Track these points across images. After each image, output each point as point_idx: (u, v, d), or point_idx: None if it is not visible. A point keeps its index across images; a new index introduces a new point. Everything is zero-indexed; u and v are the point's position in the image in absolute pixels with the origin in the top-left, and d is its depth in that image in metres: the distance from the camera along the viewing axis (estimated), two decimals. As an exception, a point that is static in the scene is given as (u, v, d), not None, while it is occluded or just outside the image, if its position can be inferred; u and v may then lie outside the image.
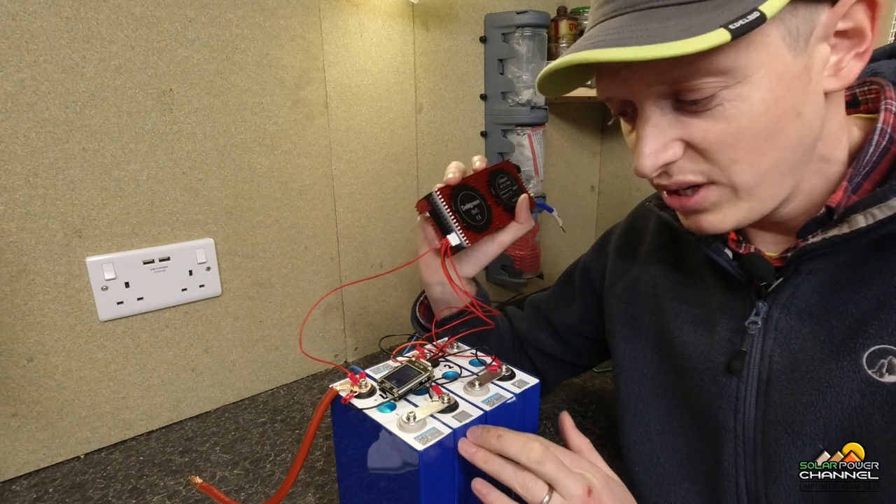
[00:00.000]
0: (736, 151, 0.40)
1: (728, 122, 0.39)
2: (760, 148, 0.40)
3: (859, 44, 0.40)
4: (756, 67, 0.38)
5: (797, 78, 0.39)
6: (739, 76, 0.38)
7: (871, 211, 0.40)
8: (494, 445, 0.44)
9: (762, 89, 0.38)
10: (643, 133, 0.42)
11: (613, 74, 0.43)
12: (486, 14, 1.09)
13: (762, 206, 0.44)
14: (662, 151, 0.42)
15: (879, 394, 0.40)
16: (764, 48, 0.37)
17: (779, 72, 0.38)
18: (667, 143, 0.42)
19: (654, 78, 0.40)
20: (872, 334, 0.41)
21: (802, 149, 0.42)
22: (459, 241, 0.58)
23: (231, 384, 0.88)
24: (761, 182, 0.42)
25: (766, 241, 0.50)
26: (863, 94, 0.49)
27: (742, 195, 0.43)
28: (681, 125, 0.41)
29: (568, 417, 0.51)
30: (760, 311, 0.47)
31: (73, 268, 0.70)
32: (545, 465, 0.43)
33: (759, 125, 0.39)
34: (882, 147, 0.43)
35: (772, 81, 0.38)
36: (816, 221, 0.44)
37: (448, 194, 0.58)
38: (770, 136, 0.40)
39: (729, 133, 0.40)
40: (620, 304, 0.63)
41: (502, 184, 0.63)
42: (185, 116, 0.75)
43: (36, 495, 0.67)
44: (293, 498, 0.65)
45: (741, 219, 0.44)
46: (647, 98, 0.41)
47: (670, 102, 0.41)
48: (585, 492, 0.42)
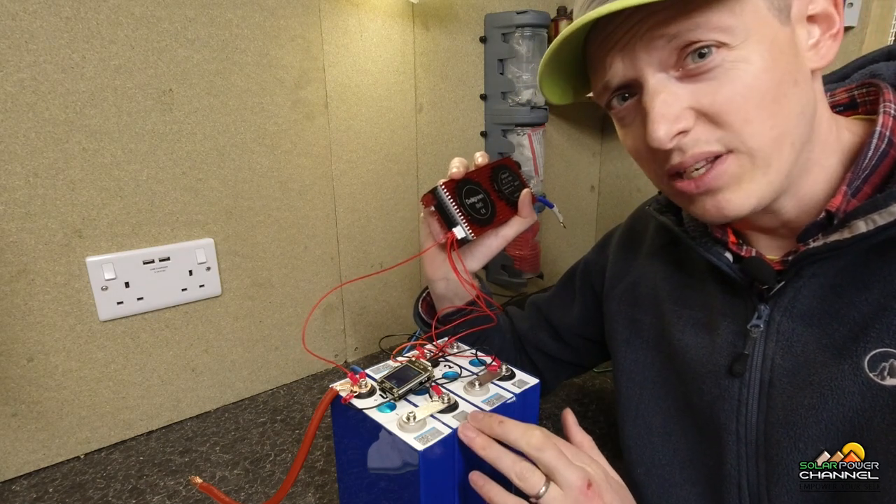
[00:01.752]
0: (747, 111, 0.41)
1: (733, 83, 0.40)
2: (769, 109, 0.41)
3: (830, 26, 0.43)
4: (750, 31, 0.39)
5: (788, 45, 0.41)
6: (737, 37, 0.39)
7: (872, 217, 0.40)
8: (496, 431, 0.44)
9: (759, 51, 0.40)
10: (653, 103, 0.42)
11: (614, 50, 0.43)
12: (486, 14, 1.09)
13: (777, 179, 0.43)
14: (677, 118, 0.41)
15: (881, 397, 0.40)
16: (754, 14, 0.40)
17: (770, 37, 0.40)
18: (679, 111, 0.41)
19: (656, 34, 0.40)
20: (874, 337, 0.41)
21: (806, 121, 0.43)
22: (465, 233, 0.58)
23: (231, 384, 0.88)
24: (775, 148, 0.42)
25: (766, 245, 0.50)
26: (861, 96, 0.49)
27: (759, 163, 0.42)
28: (689, 94, 0.41)
29: (571, 414, 0.50)
30: (762, 314, 0.47)
31: (73, 268, 0.70)
32: (545, 452, 0.42)
33: (763, 84, 0.40)
34: (881, 150, 0.43)
35: (766, 45, 0.40)
36: (817, 226, 0.44)
37: (453, 188, 0.59)
38: (775, 98, 0.41)
39: (736, 92, 0.40)
40: (621, 306, 0.63)
41: (504, 179, 0.64)
42: (185, 116, 0.75)
43: (36, 495, 0.67)
44: (293, 498, 0.65)
45: (762, 194, 0.43)
46: (651, 66, 0.42)
47: (675, 74, 0.42)
48: (584, 484, 0.41)
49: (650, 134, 0.42)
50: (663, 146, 0.42)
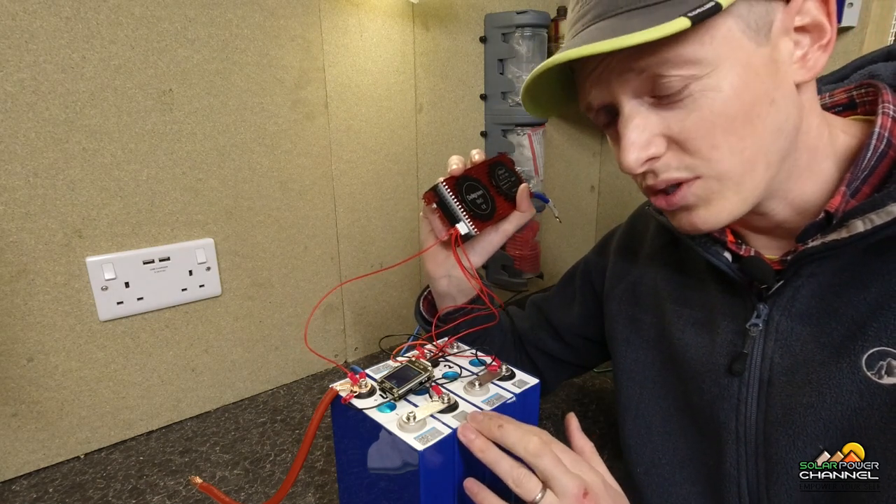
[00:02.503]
0: (714, 137, 0.41)
1: (701, 110, 0.40)
2: (739, 133, 0.41)
3: (820, 37, 0.42)
4: (721, 58, 0.39)
5: (764, 66, 0.40)
6: (706, 67, 0.39)
7: (870, 216, 0.40)
8: (494, 434, 0.44)
9: (731, 76, 0.40)
10: (626, 130, 0.43)
11: (591, 78, 0.44)
12: (486, 14, 1.09)
13: (752, 196, 0.44)
14: (645, 146, 0.43)
15: (879, 395, 0.40)
16: (726, 41, 0.39)
17: (743, 61, 0.40)
18: (649, 137, 0.43)
19: (626, 68, 0.41)
20: (871, 336, 0.41)
21: (784, 136, 0.43)
22: (468, 229, 0.59)
23: (231, 384, 0.88)
24: (747, 170, 0.42)
25: (764, 245, 0.50)
26: (860, 97, 0.49)
27: (729, 185, 0.43)
28: (660, 120, 0.42)
29: (574, 419, 0.50)
30: (761, 313, 0.47)
31: (73, 268, 0.70)
32: (542, 459, 0.42)
33: (732, 109, 0.40)
34: (880, 151, 0.43)
35: (739, 69, 0.40)
36: (816, 226, 0.44)
37: (454, 185, 0.60)
38: (747, 120, 0.41)
39: (703, 119, 0.41)
40: (621, 305, 0.63)
41: (501, 175, 0.65)
42: (185, 116, 0.75)
43: (36, 495, 0.67)
44: (293, 498, 0.65)
45: (733, 210, 0.44)
46: (625, 95, 0.43)
47: (648, 100, 0.42)
48: (581, 492, 0.41)
49: (621, 161, 0.43)
50: (632, 172, 0.44)
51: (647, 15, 0.38)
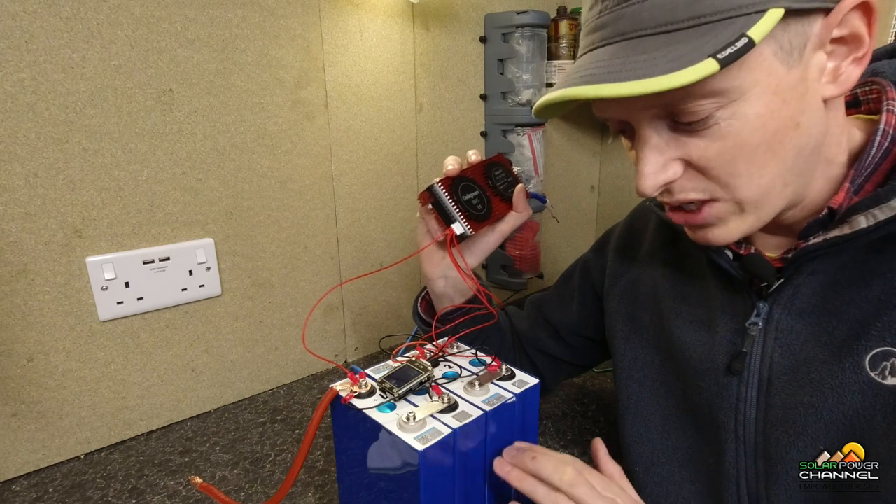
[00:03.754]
0: (735, 167, 0.40)
1: (724, 140, 0.39)
2: (760, 161, 0.40)
3: (857, 49, 0.40)
4: (750, 86, 0.38)
5: (792, 89, 0.39)
6: (733, 95, 0.38)
7: (873, 212, 0.40)
8: (529, 466, 0.46)
9: (757, 105, 0.38)
10: (642, 154, 0.42)
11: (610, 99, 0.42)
12: (486, 14, 1.09)
13: (768, 215, 0.44)
14: (662, 171, 0.42)
15: (882, 396, 0.40)
16: (757, 67, 0.37)
17: (773, 86, 0.38)
18: (666, 162, 0.42)
19: (649, 103, 0.40)
20: (875, 336, 0.41)
21: (804, 157, 0.42)
22: (464, 229, 0.59)
23: (231, 384, 0.88)
24: (765, 195, 0.42)
25: (767, 243, 0.50)
26: (864, 95, 0.49)
27: (747, 208, 0.43)
28: (678, 144, 0.41)
29: (601, 444, 0.52)
30: (761, 311, 0.47)
31: (73, 268, 0.70)
32: (577, 488, 0.44)
33: (756, 139, 0.39)
34: (884, 148, 0.43)
35: (767, 97, 0.38)
36: (818, 223, 0.44)
37: (449, 185, 0.60)
38: (769, 148, 0.40)
39: (726, 150, 0.40)
40: (621, 303, 0.63)
41: (498, 175, 0.65)
42: (185, 116, 0.75)
43: (36, 495, 0.67)
44: (293, 498, 0.65)
45: (747, 230, 0.44)
46: (644, 120, 0.42)
47: (667, 123, 0.41)
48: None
49: (637, 185, 0.43)
50: (648, 196, 0.44)
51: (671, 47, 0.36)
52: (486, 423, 0.47)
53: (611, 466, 0.50)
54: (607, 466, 0.50)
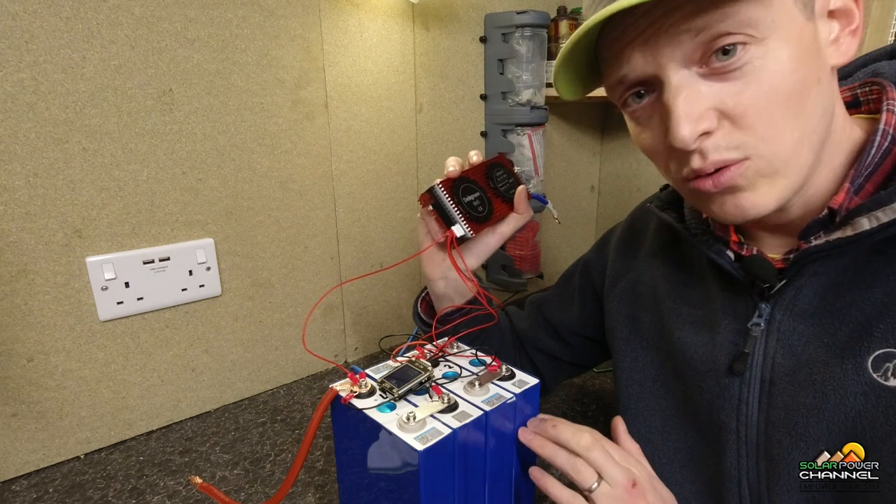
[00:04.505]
0: (772, 112, 0.39)
1: (759, 83, 0.39)
2: (794, 110, 0.40)
3: (849, 22, 0.42)
4: (778, 26, 0.38)
5: (812, 42, 0.40)
6: (764, 31, 0.38)
7: (875, 214, 0.40)
8: (550, 433, 0.49)
9: (788, 47, 0.39)
10: (677, 101, 0.40)
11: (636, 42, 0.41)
12: (486, 14, 1.09)
13: (794, 182, 0.42)
14: (700, 118, 0.40)
15: (884, 397, 0.40)
16: (783, 8, 0.38)
17: (796, 34, 0.39)
18: (702, 111, 0.40)
19: (682, 28, 0.38)
20: (878, 338, 0.41)
21: (826, 120, 0.42)
22: (464, 231, 0.59)
23: (231, 384, 0.88)
24: (795, 153, 0.41)
25: (768, 243, 0.50)
26: (864, 95, 0.49)
27: (778, 166, 0.41)
28: (713, 93, 0.40)
29: (621, 422, 0.53)
30: (763, 312, 0.47)
31: (73, 268, 0.70)
32: (593, 452, 0.46)
33: (790, 83, 0.39)
34: (884, 148, 0.43)
35: (793, 42, 0.39)
36: (818, 223, 0.44)
37: (450, 187, 0.59)
38: (801, 98, 0.40)
39: (761, 93, 0.39)
40: (621, 304, 0.63)
41: (499, 176, 0.64)
42: (185, 116, 0.75)
43: (36, 495, 0.67)
44: (293, 498, 0.65)
45: (780, 196, 0.42)
46: (674, 62, 0.40)
47: (698, 71, 0.40)
48: (630, 483, 0.45)
49: (674, 134, 0.40)
50: (687, 147, 0.40)
51: None
52: (486, 423, 0.47)
53: (629, 443, 0.52)
54: (626, 443, 0.52)
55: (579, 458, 0.46)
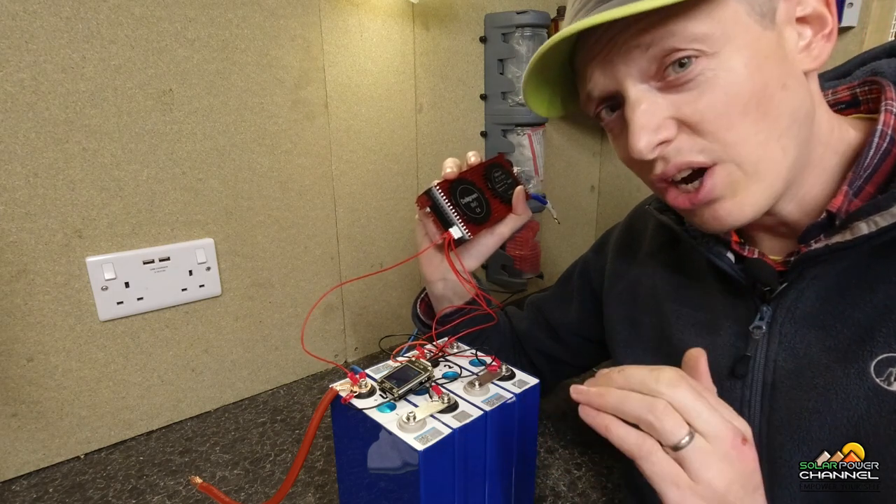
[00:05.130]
0: (729, 118, 0.40)
1: (714, 91, 0.40)
2: (752, 116, 0.40)
3: (822, 27, 0.42)
4: (729, 37, 0.39)
5: (773, 50, 0.40)
6: (715, 45, 0.39)
7: (874, 218, 0.40)
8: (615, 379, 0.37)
9: (741, 58, 0.39)
10: (634, 114, 0.42)
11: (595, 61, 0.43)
12: (486, 14, 1.09)
13: (773, 185, 0.42)
14: (656, 130, 0.41)
15: (887, 402, 0.40)
16: (733, 21, 0.39)
17: (752, 43, 0.40)
18: (660, 121, 0.41)
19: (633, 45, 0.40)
20: (881, 342, 0.41)
21: (798, 123, 0.42)
22: (462, 233, 0.59)
23: (231, 384, 0.88)
24: (763, 155, 0.41)
25: (768, 246, 0.50)
26: (863, 94, 0.49)
27: (749, 171, 0.41)
28: (670, 104, 0.41)
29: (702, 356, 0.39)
30: (765, 315, 0.47)
31: (73, 268, 0.70)
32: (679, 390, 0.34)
33: (746, 89, 0.40)
34: (883, 149, 0.43)
35: (748, 51, 0.39)
36: (818, 226, 0.44)
37: (447, 189, 0.59)
38: (760, 102, 0.40)
39: (717, 101, 0.40)
40: (620, 305, 0.62)
41: (497, 177, 0.64)
42: (185, 116, 0.75)
43: (36, 495, 0.67)
44: (293, 498, 0.65)
45: (758, 203, 0.43)
46: (631, 77, 0.42)
47: (654, 84, 0.42)
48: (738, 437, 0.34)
49: (631, 146, 0.42)
50: (644, 157, 0.42)
51: None
52: (486, 423, 0.47)
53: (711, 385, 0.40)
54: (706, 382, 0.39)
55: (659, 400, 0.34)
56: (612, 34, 0.41)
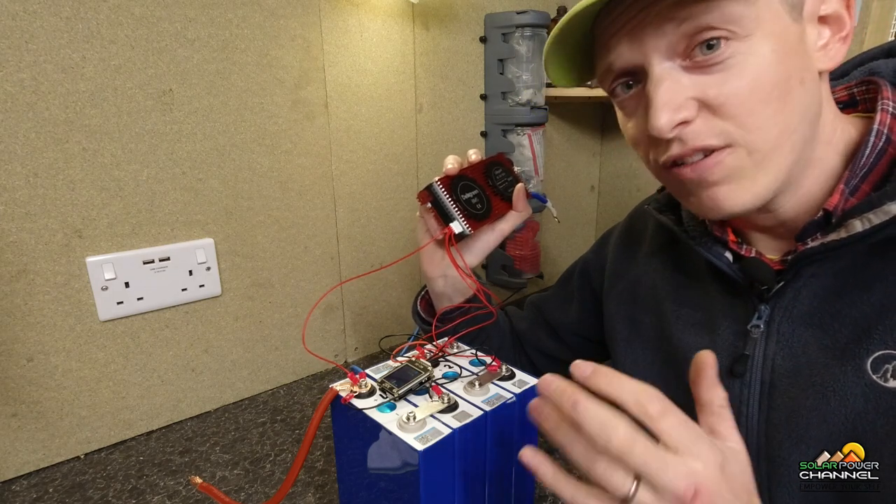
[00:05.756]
0: (752, 104, 0.40)
1: (741, 76, 0.40)
2: (774, 105, 0.40)
3: (840, 28, 0.43)
4: (761, 23, 0.39)
5: (797, 43, 0.41)
6: (747, 27, 0.39)
7: (868, 216, 0.40)
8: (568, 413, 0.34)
9: (769, 45, 0.39)
10: (657, 91, 0.41)
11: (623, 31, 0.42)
12: (486, 14, 1.09)
13: (776, 178, 0.43)
14: (678, 109, 0.41)
15: (884, 399, 0.40)
16: (767, 6, 0.39)
17: (780, 32, 0.40)
18: (682, 101, 0.41)
19: (667, 17, 0.39)
20: (876, 339, 0.41)
21: (808, 121, 0.42)
22: (462, 228, 0.59)
23: (231, 384, 0.88)
24: (775, 146, 0.41)
25: (764, 245, 0.50)
26: (860, 94, 0.49)
27: (758, 159, 0.41)
28: (693, 84, 0.41)
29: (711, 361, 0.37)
30: (762, 314, 0.47)
31: (73, 268, 0.70)
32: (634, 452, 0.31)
33: (771, 77, 0.40)
34: (879, 148, 0.43)
35: (776, 39, 0.40)
36: (814, 225, 0.44)
37: (448, 184, 0.60)
38: (782, 94, 0.40)
39: (741, 87, 0.40)
40: (620, 305, 0.63)
41: (498, 175, 0.65)
42: (185, 116, 0.75)
43: (36, 495, 0.67)
44: (293, 498, 0.65)
45: (758, 192, 0.43)
46: (657, 53, 0.41)
47: (681, 63, 0.41)
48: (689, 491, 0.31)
49: (651, 122, 0.41)
50: (664, 135, 0.41)
51: None
52: (486, 423, 0.47)
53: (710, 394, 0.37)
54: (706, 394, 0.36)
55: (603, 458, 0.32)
56: (645, 4, 0.40)
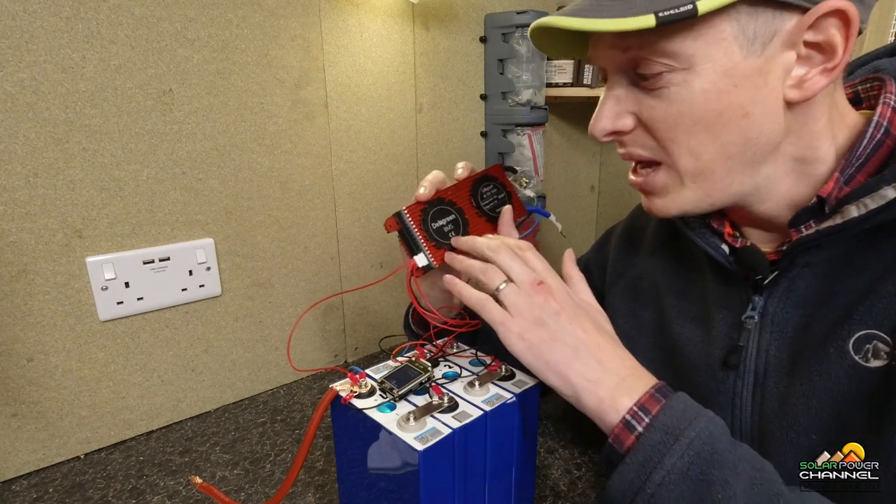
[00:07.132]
0: (675, 133, 0.43)
1: (670, 105, 0.42)
2: (699, 136, 0.42)
3: (829, 59, 0.40)
4: (703, 58, 0.40)
5: (747, 78, 0.40)
6: (685, 63, 0.40)
7: (864, 201, 0.40)
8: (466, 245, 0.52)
9: (705, 80, 0.40)
10: (604, 99, 0.47)
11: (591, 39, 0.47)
12: (486, 14, 1.09)
13: (711, 197, 0.46)
14: (616, 119, 0.45)
15: (866, 379, 0.41)
16: (714, 42, 0.39)
17: (725, 68, 0.40)
18: (621, 112, 0.45)
19: (614, 45, 0.44)
20: (857, 320, 0.41)
21: (753, 149, 0.43)
22: (427, 261, 0.55)
23: (231, 384, 0.88)
24: (704, 172, 0.44)
25: (760, 238, 0.51)
26: (864, 92, 0.49)
27: (687, 182, 0.45)
28: (635, 100, 0.45)
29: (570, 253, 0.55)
30: (757, 305, 0.48)
31: (73, 268, 0.70)
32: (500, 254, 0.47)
33: (696, 113, 0.41)
34: (876, 139, 0.43)
35: (717, 75, 0.40)
36: (808, 211, 0.44)
37: (418, 213, 0.55)
38: (710, 127, 0.42)
39: (670, 115, 0.42)
40: (622, 301, 0.63)
41: (486, 193, 0.60)
42: (185, 116, 0.75)
43: (36, 495, 0.67)
44: (293, 498, 0.65)
45: (685, 205, 0.47)
46: (613, 67, 0.45)
47: (629, 77, 0.44)
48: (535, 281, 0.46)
49: (591, 124, 0.47)
50: (598, 139, 0.47)
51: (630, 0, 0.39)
52: (486, 423, 0.47)
53: (572, 271, 0.53)
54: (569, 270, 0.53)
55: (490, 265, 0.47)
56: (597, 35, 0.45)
